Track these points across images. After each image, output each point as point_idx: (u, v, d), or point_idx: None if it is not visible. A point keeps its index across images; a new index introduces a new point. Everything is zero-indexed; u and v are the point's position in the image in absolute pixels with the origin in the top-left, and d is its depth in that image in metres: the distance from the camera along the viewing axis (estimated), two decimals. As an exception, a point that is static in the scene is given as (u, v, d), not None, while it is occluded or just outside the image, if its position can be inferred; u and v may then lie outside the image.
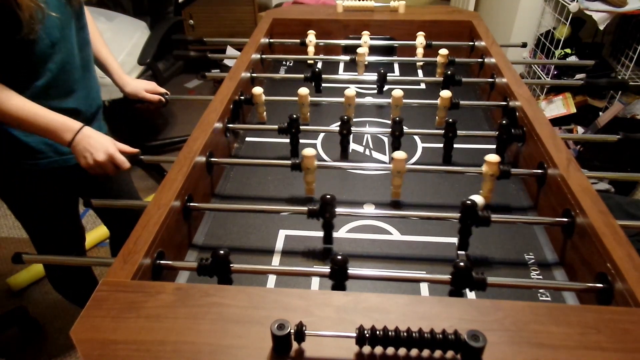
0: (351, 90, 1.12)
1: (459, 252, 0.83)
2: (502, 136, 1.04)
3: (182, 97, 1.67)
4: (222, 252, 0.70)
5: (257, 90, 1.16)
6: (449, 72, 1.25)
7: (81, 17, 1.11)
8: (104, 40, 1.30)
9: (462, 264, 0.67)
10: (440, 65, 1.40)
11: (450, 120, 1.03)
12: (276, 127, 1.06)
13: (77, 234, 1.39)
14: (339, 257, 0.68)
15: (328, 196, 0.79)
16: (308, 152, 0.91)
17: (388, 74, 1.28)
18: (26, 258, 0.81)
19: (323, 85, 1.29)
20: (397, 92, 1.11)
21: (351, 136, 1.09)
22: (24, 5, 0.89)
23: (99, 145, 1.01)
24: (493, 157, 0.88)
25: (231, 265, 0.70)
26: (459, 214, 0.79)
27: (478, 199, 0.84)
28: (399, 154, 0.89)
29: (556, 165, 0.86)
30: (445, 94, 1.11)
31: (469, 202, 0.78)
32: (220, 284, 0.71)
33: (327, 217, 0.81)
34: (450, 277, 0.68)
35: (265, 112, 1.21)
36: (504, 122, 1.03)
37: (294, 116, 1.03)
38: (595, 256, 0.71)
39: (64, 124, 1.00)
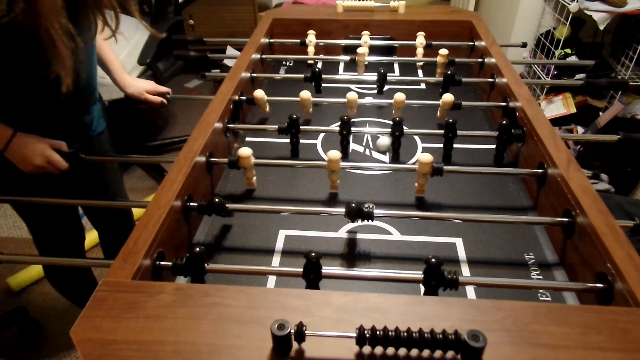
0: (353, 94, 1.13)
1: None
2: (502, 136, 1.04)
3: (182, 97, 1.66)
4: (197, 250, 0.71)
5: (259, 93, 1.17)
6: (449, 72, 1.25)
7: (93, 40, 1.11)
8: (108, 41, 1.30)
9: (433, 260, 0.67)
10: (440, 65, 1.40)
11: (451, 120, 1.03)
12: (276, 127, 1.06)
13: (77, 234, 1.39)
14: (312, 254, 0.69)
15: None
16: (243, 152, 0.93)
17: (388, 74, 1.28)
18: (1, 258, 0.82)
19: (323, 85, 1.29)
20: (400, 96, 1.12)
21: (351, 136, 1.10)
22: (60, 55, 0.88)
23: (32, 151, 1.02)
24: (426, 157, 0.90)
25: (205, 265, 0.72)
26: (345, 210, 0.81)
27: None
28: (334, 153, 0.90)
29: (556, 165, 0.86)
30: (448, 97, 1.11)
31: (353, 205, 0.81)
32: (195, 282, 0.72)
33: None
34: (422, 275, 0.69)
35: (267, 108, 1.22)
36: (504, 122, 1.03)
37: (294, 116, 1.03)
38: (595, 256, 0.71)
39: None
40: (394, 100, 1.12)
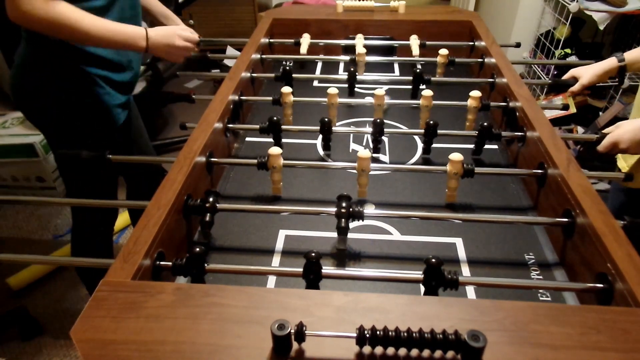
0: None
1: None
2: (482, 136, 1.05)
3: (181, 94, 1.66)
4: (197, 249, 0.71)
5: (286, 89, 1.17)
6: (418, 70, 1.25)
7: None
8: None
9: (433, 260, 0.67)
10: (441, 65, 1.39)
11: (432, 122, 1.03)
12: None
13: (112, 210, 1.40)
14: (312, 254, 0.69)
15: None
16: (274, 150, 0.92)
17: (388, 74, 1.28)
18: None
19: (323, 85, 1.29)
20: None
21: (351, 135, 1.10)
22: None
23: (168, 37, 1.13)
24: (456, 156, 0.89)
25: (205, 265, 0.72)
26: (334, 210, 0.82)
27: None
28: (364, 153, 0.90)
29: (556, 165, 0.86)
30: (475, 93, 1.12)
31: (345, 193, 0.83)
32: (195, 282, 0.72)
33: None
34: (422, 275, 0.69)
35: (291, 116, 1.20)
36: (484, 124, 1.04)
37: (274, 118, 1.05)
38: (595, 256, 0.71)
39: (135, 32, 1.09)
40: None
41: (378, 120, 1.04)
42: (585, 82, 1.20)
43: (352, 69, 1.26)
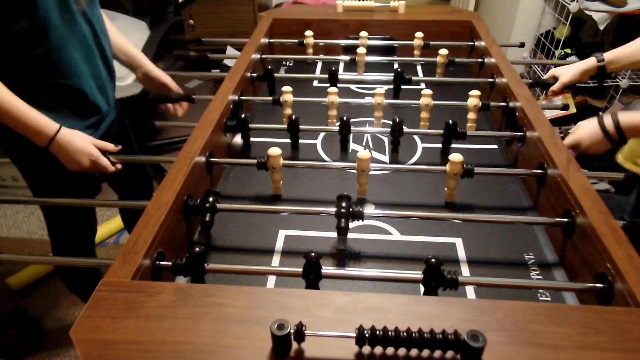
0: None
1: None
2: (446, 132, 1.06)
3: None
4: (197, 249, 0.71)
5: (287, 88, 1.17)
6: (399, 70, 1.26)
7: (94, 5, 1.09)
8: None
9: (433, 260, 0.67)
10: (441, 65, 1.39)
11: (451, 121, 1.03)
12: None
13: (91, 223, 1.39)
14: (312, 254, 0.69)
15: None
16: (273, 151, 0.92)
17: (387, 74, 1.28)
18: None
19: (323, 85, 1.29)
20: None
21: (351, 135, 1.10)
22: None
23: (78, 151, 1.00)
24: (456, 157, 0.89)
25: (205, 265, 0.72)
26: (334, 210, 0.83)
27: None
28: (364, 154, 0.90)
29: (556, 165, 0.86)
30: (474, 92, 1.12)
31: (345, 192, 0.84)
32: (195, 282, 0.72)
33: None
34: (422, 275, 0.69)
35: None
36: (449, 121, 1.05)
37: (242, 116, 1.07)
38: (595, 256, 0.71)
39: (42, 125, 0.96)
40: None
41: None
42: (566, 80, 1.21)
43: (333, 68, 1.28)
